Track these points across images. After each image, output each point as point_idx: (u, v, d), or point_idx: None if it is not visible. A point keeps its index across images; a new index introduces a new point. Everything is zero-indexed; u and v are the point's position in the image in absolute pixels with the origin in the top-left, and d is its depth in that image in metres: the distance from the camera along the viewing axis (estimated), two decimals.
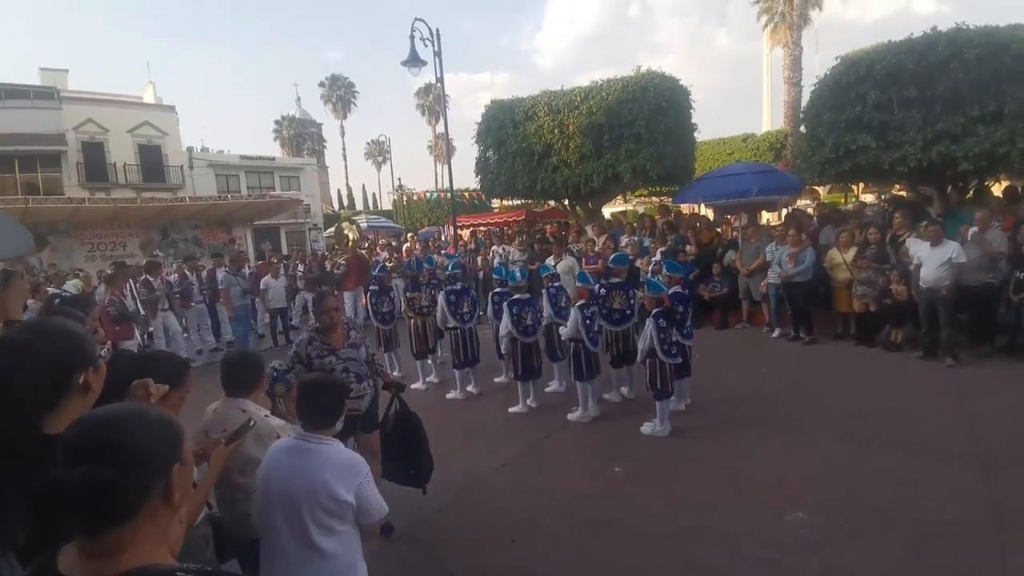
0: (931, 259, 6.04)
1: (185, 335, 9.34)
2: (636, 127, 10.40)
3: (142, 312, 7.70)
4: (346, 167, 49.59)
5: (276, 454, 1.95)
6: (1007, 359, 5.95)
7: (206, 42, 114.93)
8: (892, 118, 7.81)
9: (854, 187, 14.23)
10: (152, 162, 24.10)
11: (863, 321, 7.05)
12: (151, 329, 8.35)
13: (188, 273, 9.74)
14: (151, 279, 8.51)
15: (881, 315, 6.81)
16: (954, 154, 7.35)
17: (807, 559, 2.98)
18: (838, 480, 3.77)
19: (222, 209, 15.76)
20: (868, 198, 15.61)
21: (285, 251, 18.06)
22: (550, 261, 8.23)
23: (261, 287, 9.55)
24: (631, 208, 21.09)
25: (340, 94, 47.17)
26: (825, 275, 7.40)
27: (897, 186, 10.46)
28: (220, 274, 9.26)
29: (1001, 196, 8.74)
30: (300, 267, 11.48)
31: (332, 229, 21.74)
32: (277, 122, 46.00)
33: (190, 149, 26.12)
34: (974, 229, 6.22)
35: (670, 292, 5.12)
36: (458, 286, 6.24)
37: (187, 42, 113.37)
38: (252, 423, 1.94)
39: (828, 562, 2.94)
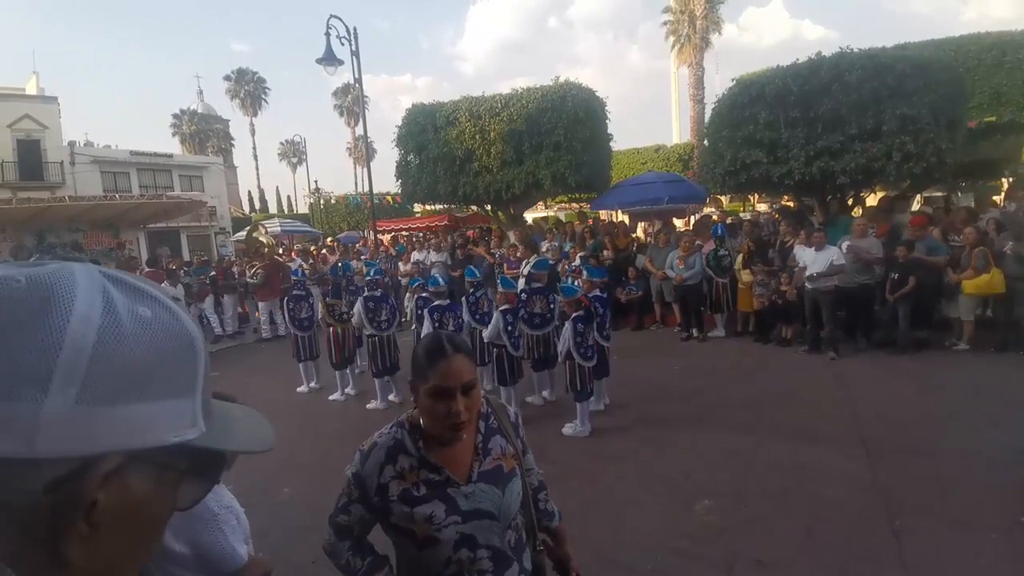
0: (815, 263, 6.71)
1: None
2: (555, 135, 10.70)
3: None
4: (257, 168, 46.57)
5: None
6: (882, 352, 6.71)
7: (96, 28, 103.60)
8: (780, 136, 8.60)
9: (751, 197, 15.52)
10: (30, 159, 21.46)
11: (760, 319, 7.71)
12: None
13: None
14: None
15: (773, 313, 7.47)
16: (833, 169, 8.22)
17: (712, 545, 3.18)
18: (739, 469, 4.06)
19: (108, 210, 14.21)
20: (762, 207, 17.10)
21: (187, 257, 16.68)
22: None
23: None
24: (552, 214, 21.63)
25: (249, 89, 44.33)
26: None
27: (785, 197, 11.55)
28: None
29: (876, 206, 9.88)
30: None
31: (242, 233, 20.38)
32: (176, 116, 42.33)
33: (72, 144, 23.42)
34: (847, 243, 6.95)
35: (591, 296, 5.30)
36: (378, 293, 6.08)
37: (75, 27, 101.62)
38: None
39: (731, 547, 3.15)
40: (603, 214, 14.76)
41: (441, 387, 1.28)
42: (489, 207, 12.95)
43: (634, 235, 11.15)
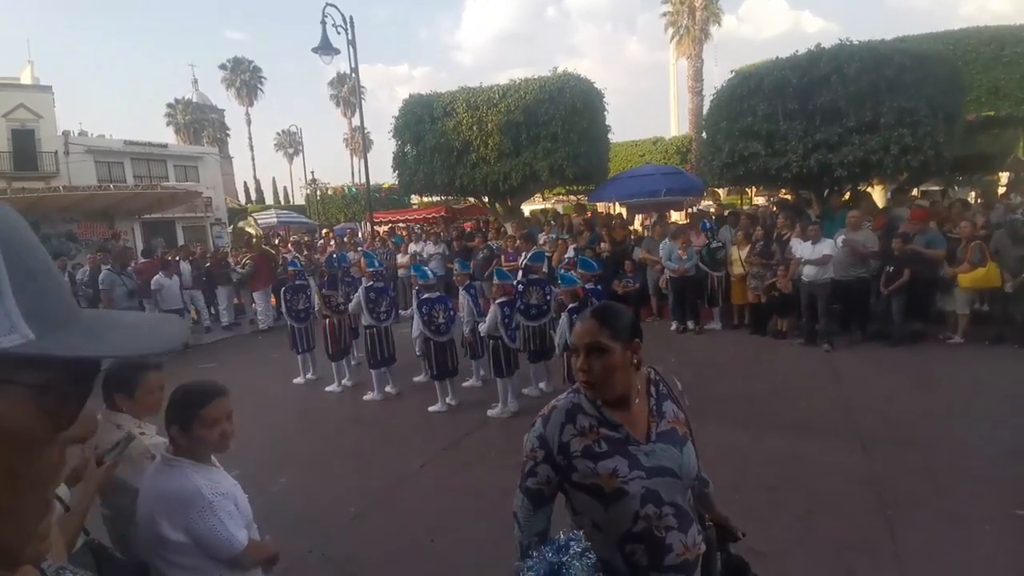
0: (811, 256, 6.72)
1: None
2: (553, 127, 10.64)
3: None
4: (253, 158, 46.22)
5: (144, 478, 1.74)
6: (876, 345, 6.73)
7: (89, 16, 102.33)
8: (778, 128, 8.56)
9: (748, 190, 15.50)
10: (25, 148, 21.26)
11: (756, 312, 7.72)
12: None
13: None
14: None
15: (769, 306, 7.49)
16: (830, 161, 8.19)
17: None
18: (735, 461, 4.07)
19: (103, 200, 14.12)
20: (760, 200, 17.09)
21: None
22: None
23: (152, 287, 8.67)
24: (550, 206, 21.56)
25: (245, 79, 43.97)
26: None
27: (783, 189, 11.54)
28: (102, 272, 8.29)
29: (864, 201, 9.84)
30: (184, 264, 10.51)
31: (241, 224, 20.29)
32: (170, 105, 41.94)
33: (66, 133, 23.20)
34: (842, 237, 6.94)
35: (587, 288, 5.29)
36: (380, 284, 6.09)
37: (69, 16, 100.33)
38: (129, 440, 1.74)
39: None
40: (600, 206, 14.73)
41: (572, 343, 1.47)
42: (486, 199, 12.91)
43: (632, 227, 11.13)
